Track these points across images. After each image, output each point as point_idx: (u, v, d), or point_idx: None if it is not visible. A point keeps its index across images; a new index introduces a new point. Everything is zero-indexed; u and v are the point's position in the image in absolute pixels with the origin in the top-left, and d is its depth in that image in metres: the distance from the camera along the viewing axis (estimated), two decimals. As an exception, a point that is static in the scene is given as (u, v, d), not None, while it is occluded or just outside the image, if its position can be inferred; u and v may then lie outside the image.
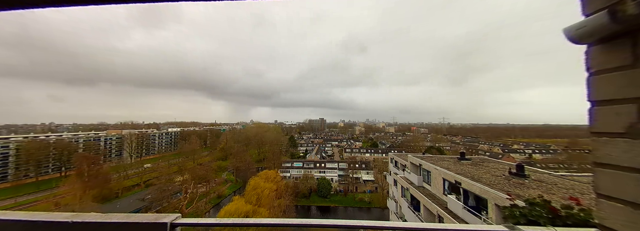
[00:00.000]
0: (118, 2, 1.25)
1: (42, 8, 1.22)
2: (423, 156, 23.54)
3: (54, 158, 72.86)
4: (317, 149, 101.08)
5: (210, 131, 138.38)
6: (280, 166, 68.40)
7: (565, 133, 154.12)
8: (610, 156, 1.13)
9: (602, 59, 1.16)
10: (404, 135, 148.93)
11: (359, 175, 65.91)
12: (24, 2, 1.20)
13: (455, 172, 15.97)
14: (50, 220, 1.51)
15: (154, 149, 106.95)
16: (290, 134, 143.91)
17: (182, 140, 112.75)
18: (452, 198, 14.86)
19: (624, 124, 1.06)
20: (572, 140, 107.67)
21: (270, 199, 38.81)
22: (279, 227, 1.63)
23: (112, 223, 1.49)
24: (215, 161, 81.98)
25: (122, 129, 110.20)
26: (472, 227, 1.51)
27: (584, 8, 1.19)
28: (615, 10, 0.97)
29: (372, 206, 53.69)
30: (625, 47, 1.06)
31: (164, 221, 1.49)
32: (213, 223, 1.64)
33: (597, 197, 1.20)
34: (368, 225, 1.55)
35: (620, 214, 1.09)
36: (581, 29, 1.13)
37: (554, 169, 48.34)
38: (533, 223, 4.12)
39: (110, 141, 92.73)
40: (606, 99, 1.15)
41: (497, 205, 11.45)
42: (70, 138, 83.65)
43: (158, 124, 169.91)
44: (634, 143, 1.03)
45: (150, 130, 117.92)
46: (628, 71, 1.05)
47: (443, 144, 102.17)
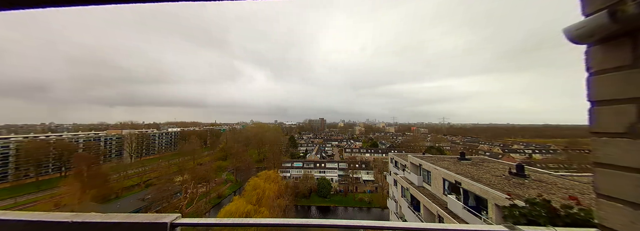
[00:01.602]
0: (118, 2, 1.25)
1: (42, 8, 1.22)
2: (423, 156, 23.54)
3: (54, 158, 72.85)
4: (317, 149, 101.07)
5: (210, 131, 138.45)
6: (280, 166, 68.38)
7: (565, 133, 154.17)
8: (610, 156, 1.13)
9: (602, 59, 1.16)
10: (404, 135, 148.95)
11: (359, 175, 65.93)
12: (24, 2, 1.20)
13: (455, 172, 15.97)
14: (50, 220, 1.51)
15: (154, 149, 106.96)
16: (290, 134, 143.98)
17: (182, 140, 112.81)
18: (452, 198, 14.86)
19: (624, 124, 1.06)
20: (572, 140, 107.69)
21: (271, 199, 38.80)
22: (279, 227, 1.63)
23: (112, 223, 1.49)
24: (215, 161, 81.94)
25: (122, 129, 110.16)
26: (472, 227, 1.51)
27: (584, 8, 1.19)
28: (615, 10, 0.97)
29: (372, 206, 53.70)
30: (625, 47, 1.06)
31: (164, 221, 1.49)
32: (213, 223, 1.64)
33: (597, 197, 1.20)
34: (368, 225, 1.55)
35: (620, 214, 1.09)
36: (581, 29, 1.13)
37: (554, 169, 48.32)
38: (533, 223, 4.12)
39: (110, 141, 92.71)
40: (606, 99, 1.15)
41: (497, 205, 11.45)
42: (70, 138, 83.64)
43: (158, 124, 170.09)
44: (634, 143, 1.03)
45: (150, 130, 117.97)
46: (628, 71, 1.05)
47: (443, 144, 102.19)
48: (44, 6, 1.21)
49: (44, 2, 1.19)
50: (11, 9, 1.25)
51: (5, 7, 1.22)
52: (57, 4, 1.20)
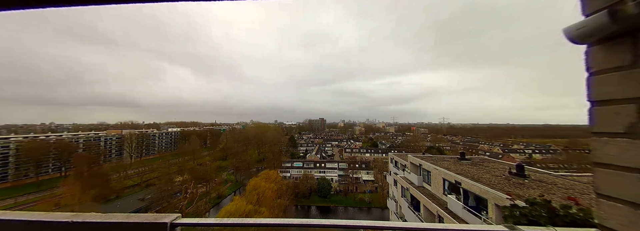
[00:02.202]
0: (119, 2, 1.25)
1: (42, 8, 1.22)
2: (423, 156, 23.53)
3: (54, 158, 72.86)
4: (317, 149, 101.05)
5: (210, 131, 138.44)
6: (280, 166, 68.39)
7: (565, 133, 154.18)
8: (610, 156, 1.13)
9: (602, 59, 1.16)
10: (404, 135, 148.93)
11: (359, 175, 65.92)
12: (24, 2, 1.21)
13: (455, 172, 15.97)
14: (50, 220, 1.51)
15: (154, 149, 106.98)
16: (290, 134, 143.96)
17: (182, 140, 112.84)
18: (452, 198, 14.86)
19: (624, 124, 1.06)
20: (572, 140, 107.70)
21: (271, 199, 38.81)
22: (279, 227, 1.63)
23: (112, 223, 1.49)
24: (215, 161, 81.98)
25: (122, 129, 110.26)
26: (472, 227, 1.51)
27: (584, 8, 1.19)
28: (615, 10, 0.97)
29: (372, 206, 53.69)
30: (625, 47, 1.06)
31: (164, 221, 1.49)
32: (213, 223, 1.64)
33: (597, 197, 1.20)
34: (368, 225, 1.54)
35: (620, 214, 1.09)
36: (581, 29, 1.13)
37: (554, 169, 48.29)
38: (533, 223, 4.12)
39: (110, 141, 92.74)
40: (606, 99, 1.15)
41: (497, 205, 11.45)
42: (70, 138, 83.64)
43: (158, 124, 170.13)
44: (634, 143, 1.03)
45: (150, 130, 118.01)
46: (628, 71, 1.06)
47: (443, 144, 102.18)
48: (44, 6, 1.21)
49: (44, 2, 1.19)
50: (11, 9, 1.25)
51: (5, 7, 1.22)
52: (57, 4, 1.20)
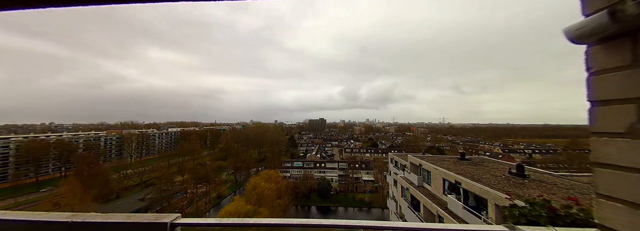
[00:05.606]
0: (119, 2, 1.25)
1: (43, 8, 1.22)
2: (423, 156, 23.53)
3: (54, 158, 72.85)
4: (317, 149, 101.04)
5: (210, 131, 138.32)
6: (280, 166, 68.38)
7: (565, 133, 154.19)
8: (610, 156, 1.13)
9: (602, 59, 1.16)
10: (404, 135, 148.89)
11: (359, 175, 65.89)
12: (24, 2, 1.20)
13: (455, 172, 15.96)
14: (50, 220, 1.51)
15: (154, 149, 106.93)
16: (290, 134, 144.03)
17: (182, 140, 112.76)
18: (452, 198, 14.86)
19: (624, 124, 1.07)
20: (572, 140, 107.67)
21: (271, 199, 38.81)
22: (279, 227, 1.63)
23: (112, 223, 1.48)
24: (215, 161, 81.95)
25: (122, 129, 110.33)
26: (472, 227, 1.51)
27: (584, 8, 1.19)
28: (615, 10, 0.97)
29: (372, 206, 53.70)
30: (625, 47, 1.06)
31: (164, 221, 1.49)
32: (213, 223, 1.64)
33: (597, 197, 1.20)
34: (368, 225, 1.54)
35: (620, 214, 1.09)
36: (581, 29, 1.13)
37: (554, 169, 48.24)
38: (533, 223, 4.12)
39: (110, 141, 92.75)
40: (606, 99, 1.15)
41: (497, 205, 11.45)
42: (70, 138, 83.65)
43: (158, 124, 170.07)
44: (634, 143, 1.03)
45: (150, 130, 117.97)
46: (628, 71, 1.06)
47: (443, 144, 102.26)
48: (43, 6, 1.21)
49: (44, 2, 1.19)
50: (11, 9, 1.25)
51: (5, 7, 1.22)
52: (57, 4, 1.20)
